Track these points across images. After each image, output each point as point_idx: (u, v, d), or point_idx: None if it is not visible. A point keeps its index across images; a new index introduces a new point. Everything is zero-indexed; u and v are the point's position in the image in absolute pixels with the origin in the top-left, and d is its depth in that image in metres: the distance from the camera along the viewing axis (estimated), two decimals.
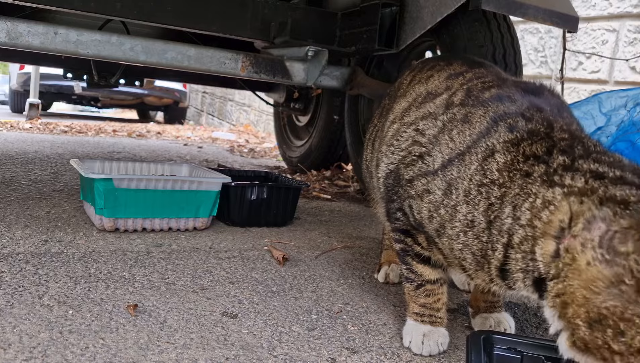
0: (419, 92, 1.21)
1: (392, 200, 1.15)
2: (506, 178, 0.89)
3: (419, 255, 1.10)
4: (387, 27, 2.02)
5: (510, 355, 0.96)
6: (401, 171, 1.11)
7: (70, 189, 2.34)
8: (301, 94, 3.31)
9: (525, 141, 0.90)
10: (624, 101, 2.12)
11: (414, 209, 1.06)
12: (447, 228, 0.98)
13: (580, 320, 0.76)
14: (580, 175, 0.82)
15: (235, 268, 1.51)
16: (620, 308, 0.71)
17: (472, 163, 0.95)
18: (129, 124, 7.45)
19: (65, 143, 4.20)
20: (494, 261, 0.90)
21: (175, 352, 0.99)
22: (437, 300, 1.12)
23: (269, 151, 4.98)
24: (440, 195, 0.99)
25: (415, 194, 1.05)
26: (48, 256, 1.44)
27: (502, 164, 0.90)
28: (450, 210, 0.97)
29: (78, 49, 1.99)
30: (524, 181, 0.87)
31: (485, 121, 0.98)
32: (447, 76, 1.19)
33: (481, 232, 0.91)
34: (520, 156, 0.89)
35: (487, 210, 0.90)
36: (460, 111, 1.04)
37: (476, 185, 0.93)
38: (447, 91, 1.13)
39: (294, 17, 2.22)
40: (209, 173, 2.00)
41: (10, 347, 0.94)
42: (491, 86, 1.06)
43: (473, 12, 1.93)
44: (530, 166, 0.87)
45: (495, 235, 0.89)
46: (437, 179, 1.00)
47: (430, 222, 1.02)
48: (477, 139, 0.96)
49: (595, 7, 3.29)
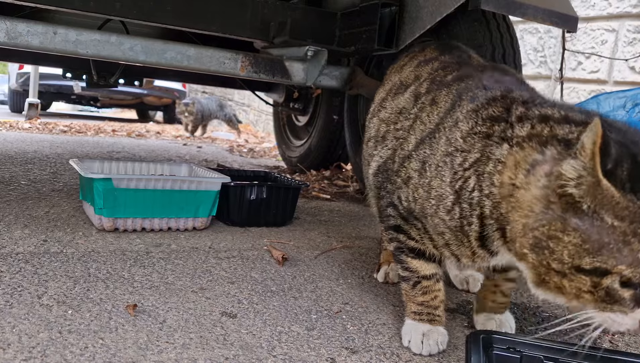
0: (393, 81, 1.27)
1: (382, 197, 1.17)
2: (468, 144, 0.93)
3: (412, 249, 1.11)
4: (387, 27, 2.02)
5: (510, 355, 0.96)
6: (388, 166, 1.15)
7: (69, 189, 2.34)
8: (301, 94, 3.31)
9: (485, 106, 0.95)
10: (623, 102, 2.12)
11: (402, 198, 1.07)
12: (426, 208, 1.00)
13: (526, 249, 0.82)
14: (529, 122, 0.87)
15: (235, 268, 1.51)
16: (546, 226, 0.79)
17: (441, 137, 0.99)
18: (129, 124, 7.45)
19: (64, 142, 4.20)
20: (472, 234, 0.93)
21: (174, 351, 0.99)
22: (434, 298, 1.12)
23: (268, 151, 4.98)
24: (417, 176, 1.02)
25: (402, 183, 1.07)
26: (47, 256, 1.44)
27: (465, 132, 0.95)
28: (427, 187, 1.00)
29: (77, 49, 1.98)
30: (484, 143, 0.91)
31: (449, 98, 1.04)
32: (416, 64, 1.25)
33: (453, 203, 0.94)
34: (479, 120, 0.94)
35: (453, 179, 0.94)
36: (427, 97, 1.11)
37: (443, 156, 0.97)
38: (415, 81, 1.19)
39: (294, 17, 2.22)
40: (208, 172, 2.00)
41: (10, 347, 0.94)
42: (453, 70, 1.13)
43: (472, 12, 1.93)
44: (490, 128, 0.92)
45: (467, 209, 0.92)
46: (412, 161, 1.04)
47: (415, 206, 1.04)
48: (444, 115, 1.02)
49: (595, 7, 3.29)
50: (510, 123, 0.89)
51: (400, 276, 1.16)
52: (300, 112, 3.47)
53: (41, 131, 5.18)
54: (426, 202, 0.99)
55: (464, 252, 0.98)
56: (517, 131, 0.87)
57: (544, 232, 0.79)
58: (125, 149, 4.15)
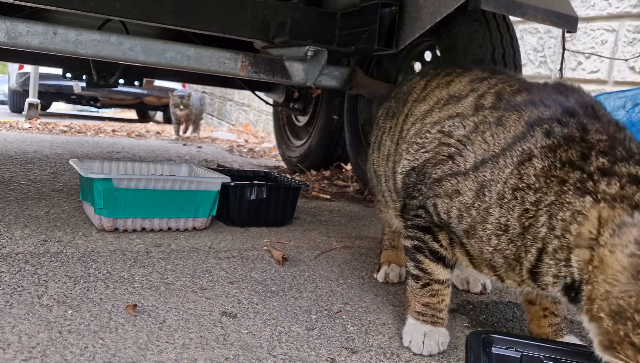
0: (440, 95, 1.20)
1: (414, 197, 1.14)
2: (543, 184, 0.90)
3: (435, 252, 1.10)
4: (387, 27, 2.02)
5: (510, 355, 0.96)
6: (427, 170, 1.10)
7: (69, 189, 2.34)
8: (301, 94, 3.31)
9: (562, 146, 0.91)
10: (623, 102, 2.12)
11: (440, 208, 1.05)
12: (477, 230, 0.97)
13: (604, 314, 0.78)
14: (617, 180, 0.83)
15: (235, 268, 1.51)
16: (634, 299, 0.74)
17: (507, 166, 0.95)
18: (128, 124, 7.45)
19: (64, 142, 4.20)
20: (526, 264, 0.91)
21: (174, 351, 0.99)
22: (441, 301, 1.12)
23: (268, 151, 4.98)
24: (472, 196, 0.99)
25: (444, 194, 1.04)
26: (47, 256, 1.44)
27: (539, 170, 0.91)
28: (483, 212, 0.96)
29: (77, 49, 1.98)
30: (560, 188, 0.88)
31: (520, 125, 0.98)
32: (469, 80, 1.19)
33: (515, 236, 0.92)
34: (557, 162, 0.90)
35: (522, 215, 0.91)
36: (492, 114, 1.03)
37: (511, 189, 0.93)
38: (472, 92, 1.12)
39: (294, 17, 2.22)
40: (208, 172, 2.00)
41: (10, 347, 0.94)
42: (520, 90, 1.06)
43: (472, 12, 1.93)
44: (566, 173, 0.88)
45: (530, 240, 0.90)
46: (468, 180, 1.00)
47: (459, 223, 1.01)
48: (512, 143, 0.96)
49: (595, 7, 3.29)
50: (589, 174, 0.86)
51: (410, 273, 1.15)
52: (300, 113, 3.47)
53: (41, 131, 5.18)
54: (479, 225, 0.97)
55: (512, 277, 0.97)
56: (603, 187, 0.84)
57: (631, 304, 0.75)
58: (125, 149, 4.15)
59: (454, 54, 2.00)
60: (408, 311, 1.15)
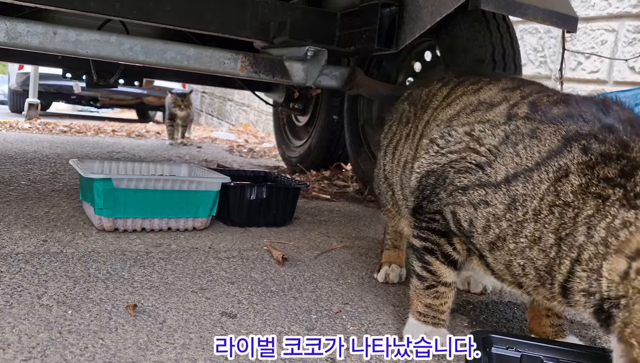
0: (468, 101, 1.17)
1: (431, 201, 1.11)
2: (580, 201, 0.88)
3: (447, 256, 1.08)
4: (387, 27, 2.02)
5: (510, 355, 0.96)
6: (449, 175, 1.07)
7: (69, 189, 2.34)
8: (301, 94, 3.31)
9: (600, 164, 0.89)
10: None
11: (461, 217, 1.02)
12: (508, 242, 0.95)
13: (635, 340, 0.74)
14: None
15: (235, 268, 1.51)
16: None
17: (543, 182, 0.92)
18: (128, 124, 7.45)
19: (64, 142, 4.20)
20: (558, 277, 0.89)
21: (174, 352, 0.99)
22: (443, 303, 1.11)
23: (268, 151, 4.98)
24: (502, 209, 0.96)
25: (468, 203, 1.01)
26: (47, 256, 1.44)
27: (577, 187, 0.89)
28: (515, 225, 0.94)
29: (77, 49, 1.98)
30: (601, 203, 0.86)
31: (556, 139, 0.95)
32: (501, 88, 1.15)
33: (549, 248, 0.90)
34: (595, 180, 0.88)
35: (559, 229, 0.89)
36: (526, 125, 1.00)
37: (548, 205, 0.91)
38: (505, 101, 1.09)
39: (293, 17, 2.22)
40: (208, 173, 2.00)
41: (10, 347, 0.94)
42: (558, 102, 1.02)
43: (472, 12, 1.93)
44: (604, 189, 0.86)
45: (565, 251, 0.88)
46: (499, 193, 0.97)
47: (484, 234, 0.98)
48: (548, 157, 0.94)
49: (595, 7, 3.29)
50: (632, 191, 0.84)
51: (415, 273, 1.14)
52: (300, 113, 3.47)
53: (41, 131, 5.18)
54: (510, 238, 0.95)
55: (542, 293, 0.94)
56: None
57: None
58: (125, 149, 4.15)
59: (454, 54, 2.00)
60: (409, 311, 1.15)
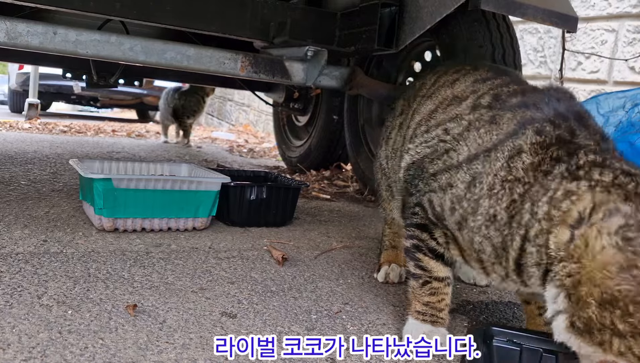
0: (445, 95, 1.24)
1: (411, 194, 1.17)
2: (531, 177, 0.94)
3: (433, 250, 1.12)
4: (387, 27, 2.02)
5: (510, 348, 0.97)
6: (425, 165, 1.14)
7: (69, 189, 2.34)
8: (301, 94, 3.31)
9: (553, 145, 0.94)
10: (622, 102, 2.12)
11: (435, 202, 1.08)
12: (468, 221, 1.00)
13: (593, 299, 0.79)
14: (610, 171, 0.86)
15: (235, 268, 1.51)
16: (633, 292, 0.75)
17: (498, 159, 0.99)
18: (128, 124, 7.45)
19: (64, 142, 4.20)
20: (512, 254, 0.94)
21: (174, 352, 0.99)
22: (440, 300, 1.12)
23: (268, 151, 4.98)
24: (463, 188, 1.02)
25: (438, 188, 1.07)
26: (47, 256, 1.44)
27: (528, 164, 0.95)
28: (473, 203, 0.99)
29: (77, 49, 1.98)
30: (545, 178, 0.92)
31: (512, 123, 1.02)
32: (474, 80, 1.22)
33: (502, 226, 0.95)
34: (547, 159, 0.94)
35: (510, 206, 0.94)
36: (487, 113, 1.08)
37: (500, 181, 0.97)
38: (473, 94, 1.17)
39: (293, 17, 2.21)
40: (208, 172, 2.00)
41: (10, 347, 0.94)
42: (517, 93, 1.10)
43: (472, 12, 1.93)
44: (552, 166, 0.92)
45: (515, 228, 0.93)
46: (460, 172, 1.04)
47: (451, 215, 1.04)
48: (505, 138, 1.01)
49: (595, 7, 3.29)
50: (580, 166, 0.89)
51: (410, 273, 1.16)
52: (300, 113, 3.47)
53: (41, 131, 5.18)
54: (470, 216, 1.00)
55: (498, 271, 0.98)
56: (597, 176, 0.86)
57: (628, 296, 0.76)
58: (125, 149, 4.15)
59: (454, 54, 2.00)
60: (408, 312, 1.16)
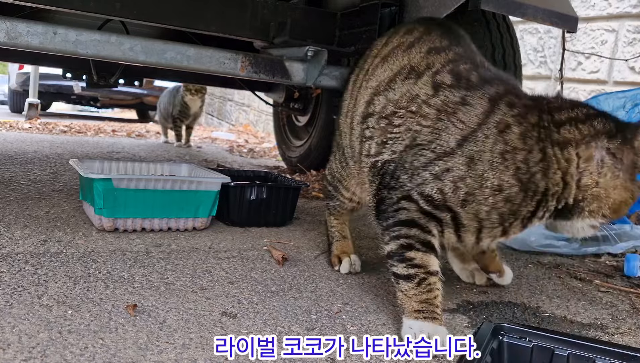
0: (402, 64, 1.30)
1: (392, 188, 1.18)
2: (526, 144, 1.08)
3: (426, 243, 1.13)
4: (387, 27, 2.02)
5: (522, 344, 0.98)
6: (408, 159, 1.16)
7: (69, 189, 2.34)
8: (301, 94, 3.31)
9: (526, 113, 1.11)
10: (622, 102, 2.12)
11: (430, 191, 1.12)
12: (476, 195, 1.09)
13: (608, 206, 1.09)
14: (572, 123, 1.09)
15: (235, 268, 1.51)
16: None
17: (489, 136, 1.09)
18: (128, 124, 7.45)
19: (64, 142, 4.20)
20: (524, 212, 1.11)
21: (174, 352, 0.99)
22: (436, 297, 1.13)
23: (268, 151, 4.98)
24: (464, 169, 1.10)
25: (431, 177, 1.12)
26: (47, 256, 1.44)
27: (518, 134, 1.09)
28: (479, 179, 1.09)
29: (77, 49, 1.98)
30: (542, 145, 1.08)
31: (484, 101, 1.14)
32: (427, 49, 1.29)
33: (514, 194, 1.08)
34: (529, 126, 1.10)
35: (516, 173, 1.08)
36: (454, 94, 1.17)
37: (500, 153, 1.08)
38: (428, 69, 1.24)
39: (294, 17, 2.21)
40: (208, 172, 2.00)
41: (10, 347, 0.94)
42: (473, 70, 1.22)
43: (472, 12, 1.93)
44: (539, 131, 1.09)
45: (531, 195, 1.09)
46: (457, 157, 1.11)
47: (455, 195, 1.11)
48: (486, 117, 1.12)
49: (595, 7, 3.29)
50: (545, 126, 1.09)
51: (400, 276, 1.15)
52: (300, 113, 3.47)
53: (41, 131, 5.18)
54: (478, 191, 1.09)
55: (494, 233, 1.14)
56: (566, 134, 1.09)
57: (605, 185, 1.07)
58: (125, 149, 4.15)
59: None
60: (404, 314, 1.14)
